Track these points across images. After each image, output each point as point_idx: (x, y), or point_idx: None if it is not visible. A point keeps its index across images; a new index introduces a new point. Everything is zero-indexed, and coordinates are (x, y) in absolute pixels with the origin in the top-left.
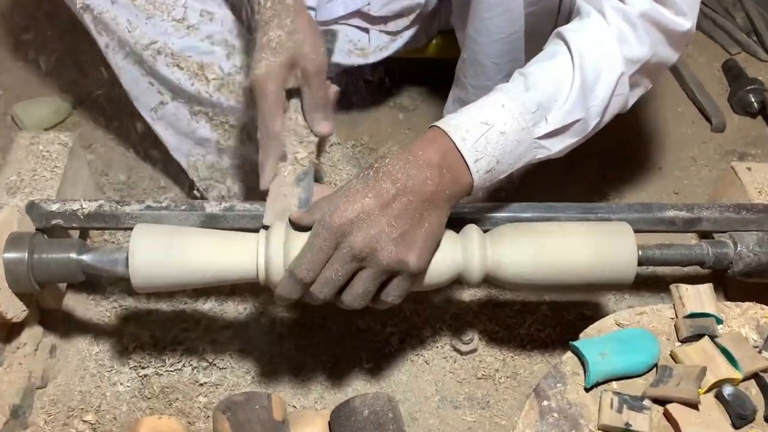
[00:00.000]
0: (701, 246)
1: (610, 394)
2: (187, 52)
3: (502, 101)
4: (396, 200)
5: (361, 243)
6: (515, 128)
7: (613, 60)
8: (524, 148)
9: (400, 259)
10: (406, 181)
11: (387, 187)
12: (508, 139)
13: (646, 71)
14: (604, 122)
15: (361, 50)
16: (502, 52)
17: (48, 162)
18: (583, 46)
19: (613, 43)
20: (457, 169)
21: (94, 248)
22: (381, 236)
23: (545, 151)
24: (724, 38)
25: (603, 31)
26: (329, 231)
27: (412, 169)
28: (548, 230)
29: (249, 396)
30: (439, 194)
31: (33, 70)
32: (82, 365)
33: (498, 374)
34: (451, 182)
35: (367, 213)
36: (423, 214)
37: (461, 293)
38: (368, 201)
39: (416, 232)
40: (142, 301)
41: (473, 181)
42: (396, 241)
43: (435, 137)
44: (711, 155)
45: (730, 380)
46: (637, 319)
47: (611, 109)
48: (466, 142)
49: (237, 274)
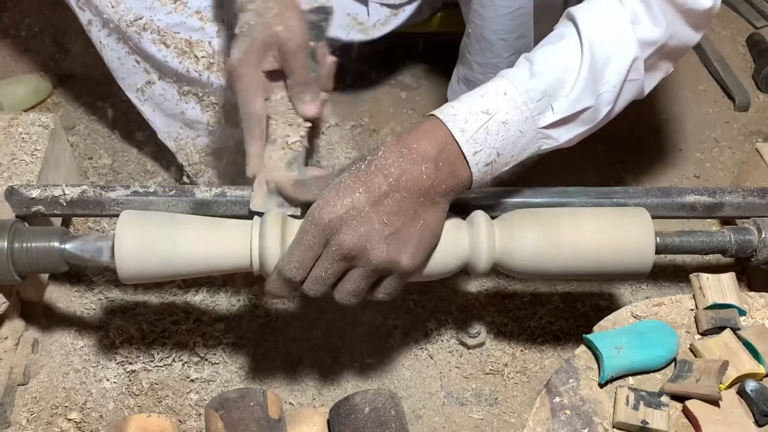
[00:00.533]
0: (723, 233)
1: (626, 390)
2: (175, 28)
3: (504, 89)
4: (388, 196)
5: (351, 242)
6: (518, 118)
7: (625, 43)
8: (528, 139)
9: (392, 259)
10: (399, 175)
11: (379, 182)
12: (510, 129)
13: (665, 54)
14: (617, 110)
15: (361, 24)
16: (509, 28)
17: (28, 145)
18: (593, 29)
19: (626, 25)
20: (455, 163)
21: (77, 236)
22: (372, 234)
23: (552, 142)
24: (748, 11)
25: (615, 11)
26: (318, 228)
27: (406, 162)
28: (560, 216)
29: (243, 393)
30: (436, 189)
31: (10, 46)
32: (66, 360)
33: (507, 369)
34: (449, 176)
35: (357, 209)
36: (418, 210)
37: (468, 283)
38: (359, 196)
39: (410, 230)
40: (129, 293)
41: (472, 175)
42: (388, 239)
43: (431, 128)
44: (734, 136)
45: (754, 375)
46: (655, 310)
47: (625, 95)
48: (465, 133)
49: (230, 264)
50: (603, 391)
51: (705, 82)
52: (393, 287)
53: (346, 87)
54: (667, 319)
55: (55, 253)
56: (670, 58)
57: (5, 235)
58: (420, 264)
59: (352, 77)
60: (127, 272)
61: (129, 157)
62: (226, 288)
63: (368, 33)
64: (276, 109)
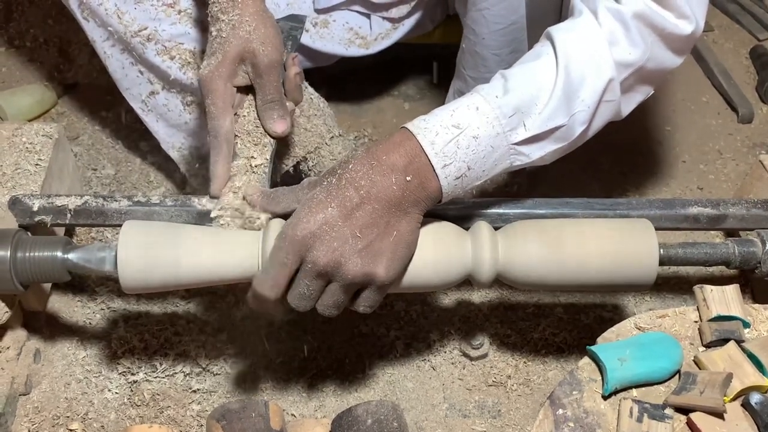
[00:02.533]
0: (727, 245)
1: (630, 402)
2: (179, 39)
3: (477, 104)
4: (360, 208)
5: (325, 258)
6: (489, 133)
7: (602, 64)
8: (499, 154)
9: (367, 272)
10: (370, 187)
11: (350, 195)
12: (481, 144)
13: (643, 76)
14: (593, 129)
15: (363, 39)
16: (502, 44)
17: (32, 155)
18: (569, 48)
19: (603, 46)
20: (424, 175)
21: (80, 246)
22: (345, 249)
23: (524, 158)
24: (751, 23)
25: (593, 32)
26: (291, 245)
27: (376, 174)
28: (564, 228)
29: (245, 404)
30: (406, 200)
31: (15, 56)
32: (68, 371)
33: (510, 381)
34: (418, 188)
35: (330, 224)
36: (390, 221)
37: (471, 294)
38: (331, 211)
39: (384, 242)
40: (132, 303)
41: (442, 188)
42: (362, 253)
43: (402, 140)
44: (737, 148)
45: (758, 388)
46: (659, 322)
47: (600, 116)
48: (435, 146)
49: (232, 274)
50: (607, 403)
51: (708, 94)
52: (372, 299)
53: (349, 98)
54: (671, 331)
55: (57, 263)
56: (649, 81)
57: (8, 244)
58: (396, 275)
59: (355, 88)
60: (130, 282)
61: (132, 167)
62: (229, 298)
63: (369, 47)
64: (243, 127)
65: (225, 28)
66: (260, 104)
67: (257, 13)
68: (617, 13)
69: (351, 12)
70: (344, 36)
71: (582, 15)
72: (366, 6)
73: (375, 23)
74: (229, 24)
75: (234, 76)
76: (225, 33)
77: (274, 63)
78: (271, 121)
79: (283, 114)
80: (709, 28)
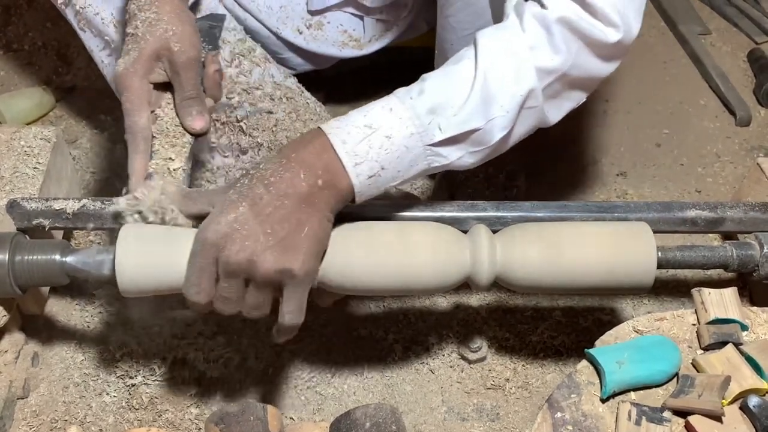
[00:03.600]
0: (725, 248)
1: (628, 405)
2: None
3: (391, 105)
4: (270, 205)
5: (237, 257)
6: (403, 133)
7: (522, 70)
8: (415, 155)
9: (280, 268)
10: (279, 184)
11: (260, 193)
12: (394, 144)
13: (570, 83)
14: (517, 135)
15: (356, 41)
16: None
17: (30, 158)
18: (489, 53)
19: (524, 51)
20: (335, 173)
21: (78, 250)
22: (257, 246)
23: (442, 160)
24: (749, 26)
25: (516, 37)
26: (205, 248)
27: (286, 171)
28: (562, 231)
29: (243, 407)
30: (316, 197)
31: (14, 59)
32: (66, 374)
33: (508, 384)
34: (328, 185)
35: (240, 223)
36: (301, 218)
37: (469, 297)
38: (242, 210)
39: (296, 237)
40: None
41: (353, 186)
42: (273, 249)
43: (313, 138)
44: (735, 151)
45: (756, 391)
46: (657, 325)
47: (523, 122)
48: (346, 145)
49: None
50: (605, 406)
51: (706, 97)
52: (297, 300)
53: (342, 101)
54: (669, 334)
55: (56, 266)
56: (578, 88)
57: (6, 247)
58: (311, 270)
59: (352, 91)
60: (128, 286)
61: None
62: None
63: (362, 48)
64: (161, 126)
65: (141, 26)
66: (178, 101)
67: (174, 11)
68: (542, 18)
69: (345, 14)
70: (338, 38)
71: (508, 19)
72: (359, 8)
73: (368, 25)
74: (145, 22)
75: (150, 73)
76: (141, 31)
77: (191, 60)
78: (190, 117)
79: (201, 110)
80: (706, 31)
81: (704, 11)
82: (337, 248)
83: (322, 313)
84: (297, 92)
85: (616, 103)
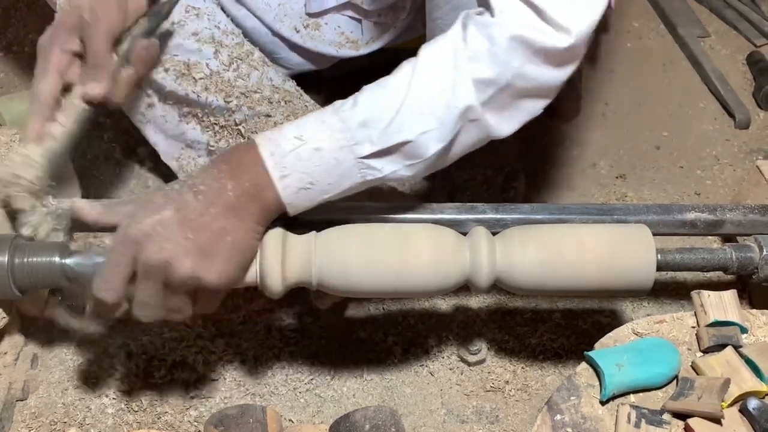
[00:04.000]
0: (724, 250)
1: (628, 407)
2: (172, 51)
3: (323, 117)
4: (195, 212)
5: (154, 257)
6: (333, 146)
7: (459, 82)
8: (346, 168)
9: (195, 274)
10: (207, 192)
11: (188, 200)
12: (324, 156)
13: (518, 93)
14: (459, 148)
15: (353, 42)
16: None
17: None
18: (428, 65)
19: (464, 64)
20: (261, 185)
21: (78, 252)
22: (177, 249)
23: (375, 173)
24: (748, 29)
25: (455, 48)
26: (124, 245)
27: (215, 181)
28: (561, 233)
29: (243, 409)
30: (243, 207)
31: (14, 61)
32: (65, 376)
33: (508, 386)
34: (255, 197)
35: (163, 225)
36: (225, 226)
37: (468, 300)
38: (166, 213)
39: (217, 245)
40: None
41: (281, 198)
42: (192, 254)
43: (245, 149)
44: (735, 153)
45: (756, 393)
46: (656, 327)
47: (467, 135)
48: (274, 157)
49: None
50: (604, 408)
51: (705, 99)
52: (208, 301)
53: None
54: (669, 337)
55: (55, 269)
56: (530, 97)
57: (6, 250)
58: (229, 279)
59: (352, 93)
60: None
61: (130, 173)
62: (226, 304)
63: (359, 49)
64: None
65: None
66: (84, 68)
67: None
68: (485, 29)
69: (343, 16)
70: (335, 39)
71: (453, 29)
72: (358, 11)
73: (366, 28)
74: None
75: (67, 44)
76: (66, 5)
77: (105, 32)
78: (88, 81)
79: (101, 78)
80: (706, 34)
81: (703, 14)
82: (336, 250)
83: (321, 316)
84: (296, 95)
85: (616, 106)
